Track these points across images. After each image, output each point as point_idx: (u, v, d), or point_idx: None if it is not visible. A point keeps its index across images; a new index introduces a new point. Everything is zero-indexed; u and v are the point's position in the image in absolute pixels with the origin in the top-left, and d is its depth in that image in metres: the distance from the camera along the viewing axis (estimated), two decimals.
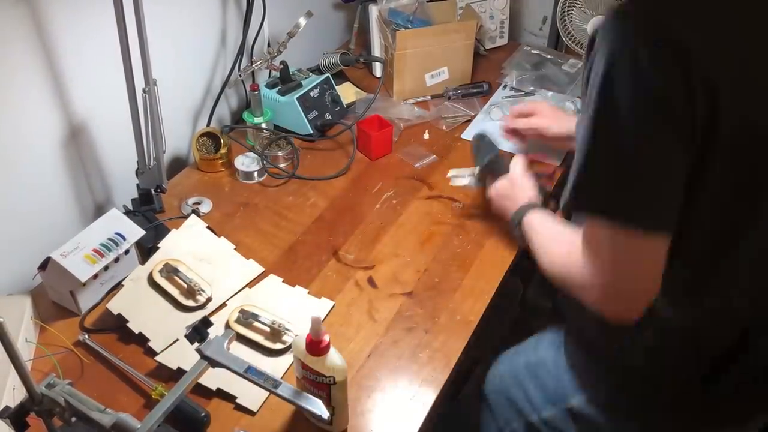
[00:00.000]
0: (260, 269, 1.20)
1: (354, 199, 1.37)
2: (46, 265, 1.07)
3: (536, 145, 1.40)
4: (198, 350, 0.85)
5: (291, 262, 1.22)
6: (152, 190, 1.29)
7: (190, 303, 1.11)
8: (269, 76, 1.62)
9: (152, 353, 1.04)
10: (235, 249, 1.22)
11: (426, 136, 1.55)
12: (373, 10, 1.70)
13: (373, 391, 1.01)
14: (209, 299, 1.12)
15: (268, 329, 1.06)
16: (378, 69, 1.77)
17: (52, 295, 1.13)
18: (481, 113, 1.60)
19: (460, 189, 1.37)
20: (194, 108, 1.51)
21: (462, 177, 1.34)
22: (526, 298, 1.89)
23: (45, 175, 1.19)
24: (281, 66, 1.52)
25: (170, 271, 1.12)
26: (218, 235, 1.24)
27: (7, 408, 0.77)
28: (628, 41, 0.74)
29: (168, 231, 1.23)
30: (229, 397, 0.99)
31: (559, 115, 1.33)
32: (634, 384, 0.99)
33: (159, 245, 1.16)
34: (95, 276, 1.09)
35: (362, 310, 1.13)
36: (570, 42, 1.76)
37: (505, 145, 1.41)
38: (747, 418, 1.01)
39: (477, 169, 1.29)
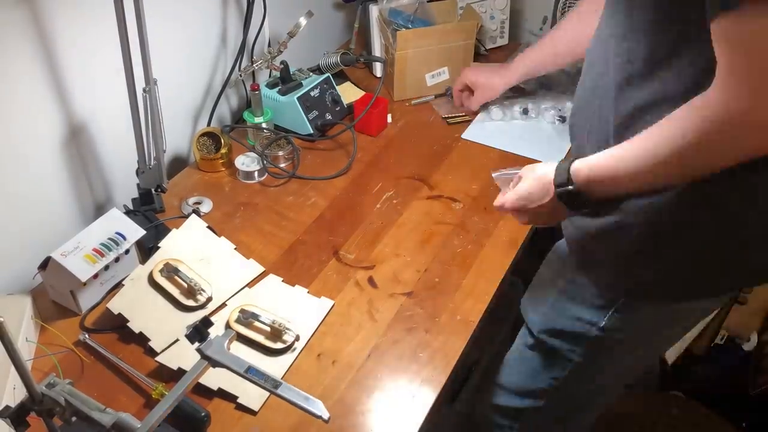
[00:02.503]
0: (260, 269, 1.20)
1: (354, 199, 1.37)
2: (46, 264, 1.07)
3: (531, 146, 1.40)
4: (198, 350, 0.85)
5: (291, 261, 1.22)
6: (152, 189, 1.29)
7: (190, 303, 1.11)
8: (270, 76, 1.62)
9: (153, 353, 1.04)
10: (235, 249, 1.22)
11: None
12: (374, 10, 1.70)
13: (373, 391, 1.01)
14: (209, 299, 1.12)
15: (268, 329, 1.06)
16: (378, 69, 1.77)
17: (52, 294, 1.13)
18: (481, 113, 1.60)
19: (460, 189, 1.38)
20: (194, 108, 1.51)
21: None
22: None
23: (45, 175, 1.19)
24: (282, 66, 1.52)
25: (171, 271, 1.12)
26: (218, 234, 1.24)
27: (7, 407, 0.77)
28: None
29: (168, 231, 1.23)
30: (230, 397, 0.99)
31: (492, 83, 1.52)
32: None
33: (159, 245, 1.16)
34: (95, 276, 1.09)
35: (362, 310, 1.13)
36: None
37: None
38: None
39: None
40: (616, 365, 1.13)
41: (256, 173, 1.41)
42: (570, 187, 0.91)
